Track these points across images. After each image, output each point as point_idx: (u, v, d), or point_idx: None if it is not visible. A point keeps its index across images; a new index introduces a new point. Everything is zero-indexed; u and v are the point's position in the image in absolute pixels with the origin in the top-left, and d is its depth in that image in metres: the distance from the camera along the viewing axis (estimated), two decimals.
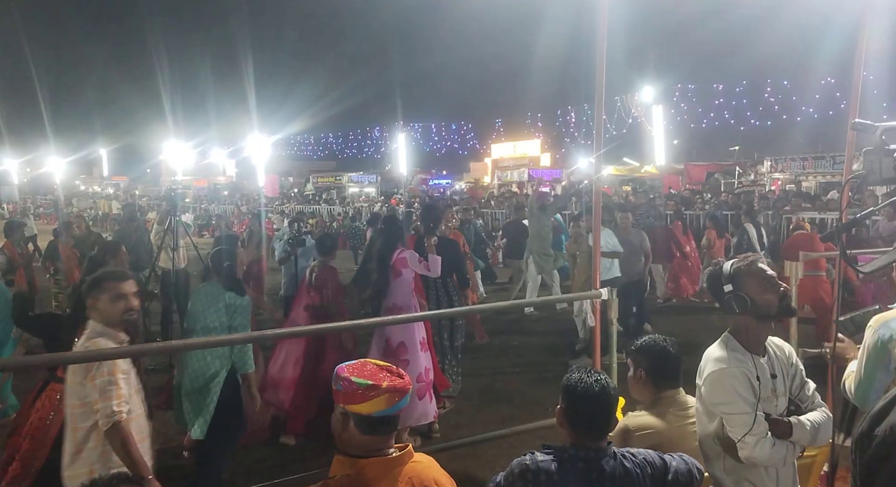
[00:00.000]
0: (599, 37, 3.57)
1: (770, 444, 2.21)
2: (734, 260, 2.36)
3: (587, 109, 39.51)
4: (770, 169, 25.66)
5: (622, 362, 3.27)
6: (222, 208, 28.37)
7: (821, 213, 12.61)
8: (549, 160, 39.39)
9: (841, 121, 25.19)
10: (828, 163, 22.39)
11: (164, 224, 7.97)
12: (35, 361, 3.37)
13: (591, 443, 2.05)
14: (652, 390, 2.61)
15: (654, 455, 2.14)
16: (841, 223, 1.90)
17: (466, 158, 48.06)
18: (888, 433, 1.22)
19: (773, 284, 2.31)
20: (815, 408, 2.39)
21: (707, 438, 2.37)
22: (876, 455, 1.23)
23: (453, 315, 5.61)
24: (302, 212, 14.74)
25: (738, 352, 2.30)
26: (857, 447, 1.30)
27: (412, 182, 39.32)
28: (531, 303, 9.05)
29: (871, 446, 1.25)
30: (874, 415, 1.27)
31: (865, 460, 1.27)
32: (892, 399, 1.26)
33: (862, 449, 1.29)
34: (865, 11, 4.12)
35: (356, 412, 1.81)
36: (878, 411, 1.27)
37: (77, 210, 30.08)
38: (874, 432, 1.25)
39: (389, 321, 4.63)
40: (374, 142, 53.95)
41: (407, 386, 1.85)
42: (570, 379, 2.13)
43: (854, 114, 4.13)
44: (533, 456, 2.04)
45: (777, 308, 2.30)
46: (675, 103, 33.52)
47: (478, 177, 41.31)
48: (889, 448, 1.21)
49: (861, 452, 1.29)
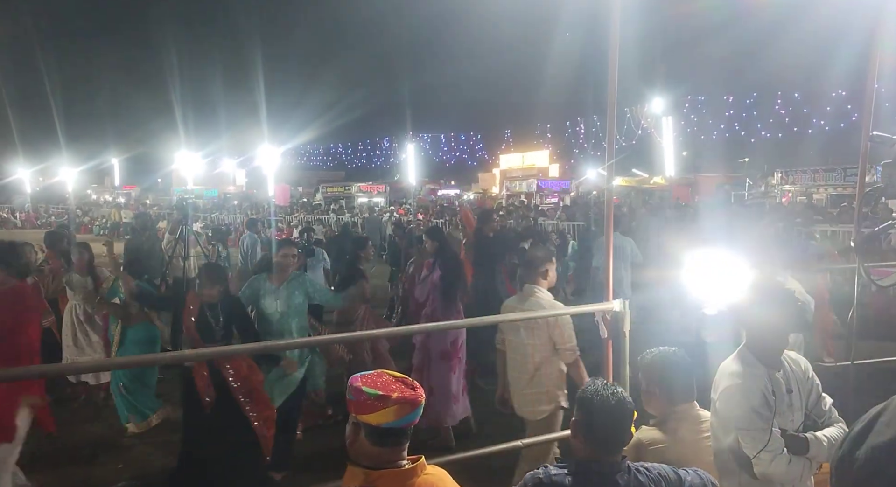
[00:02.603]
0: (611, 49, 3.57)
1: (786, 461, 2.18)
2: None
3: (596, 120, 39.63)
4: (780, 180, 25.56)
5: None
6: (231, 217, 28.52)
7: (833, 226, 12.53)
8: (558, 171, 39.40)
9: (852, 134, 25.14)
10: (839, 175, 22.29)
11: (176, 233, 8.02)
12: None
13: (605, 457, 2.02)
14: (665, 404, 2.58)
15: (668, 469, 2.12)
16: (861, 236, 1.88)
17: (475, 169, 48.20)
18: (869, 455, 1.20)
19: (792, 298, 2.28)
20: (831, 423, 2.36)
21: (722, 453, 2.34)
22: (858, 478, 1.22)
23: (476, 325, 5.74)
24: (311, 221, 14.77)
25: (754, 367, 2.28)
26: (837, 470, 1.29)
27: (421, 192, 39.38)
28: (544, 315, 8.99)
29: (852, 469, 1.24)
30: (854, 438, 1.26)
31: (847, 483, 1.26)
32: (871, 420, 1.25)
33: (841, 473, 1.27)
34: (878, 23, 4.10)
35: (366, 422, 1.80)
36: (858, 433, 1.26)
37: (89, 219, 30.31)
38: (855, 455, 1.23)
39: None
40: (383, 152, 54.24)
41: (418, 398, 1.83)
42: (585, 391, 2.11)
43: (867, 127, 4.10)
44: (546, 470, 2.02)
45: (794, 323, 2.28)
46: (685, 114, 33.52)
47: (486, 187, 41.35)
48: (870, 472, 1.19)
49: (841, 475, 1.28)
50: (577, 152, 43.64)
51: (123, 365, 5.16)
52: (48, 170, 52.86)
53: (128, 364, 5.10)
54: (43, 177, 54.87)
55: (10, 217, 35.72)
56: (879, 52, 4.13)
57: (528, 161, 40.03)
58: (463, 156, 51.48)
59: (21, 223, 34.39)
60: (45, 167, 52.64)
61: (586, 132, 41.97)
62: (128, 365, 5.10)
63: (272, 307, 4.72)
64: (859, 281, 2.87)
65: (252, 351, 4.21)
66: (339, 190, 41.89)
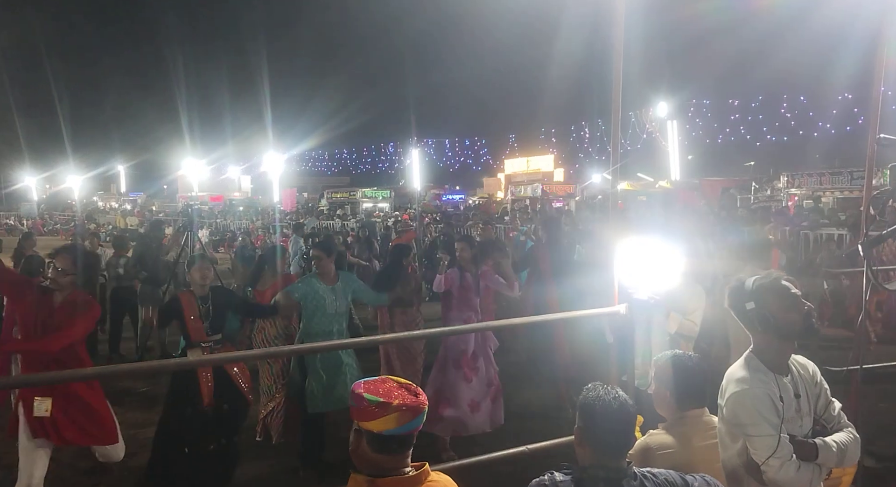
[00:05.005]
0: (616, 52, 3.55)
1: (795, 467, 2.15)
2: (757, 277, 2.30)
3: (601, 125, 39.59)
4: (786, 184, 25.45)
5: None
6: (238, 223, 28.57)
7: (839, 229, 12.44)
8: (563, 175, 39.37)
9: (859, 137, 25.00)
10: (846, 178, 22.15)
11: (182, 240, 8.03)
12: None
13: (610, 463, 2.00)
14: (675, 408, 2.56)
15: (675, 475, 2.09)
16: (867, 238, 1.86)
17: (480, 174, 48.23)
18: None
19: (798, 303, 2.25)
20: (841, 429, 2.32)
21: (730, 460, 2.31)
22: None
23: (497, 328, 5.88)
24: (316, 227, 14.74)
25: (761, 372, 2.25)
26: None
27: (425, 197, 39.40)
28: (550, 319, 8.97)
29: None
30: None
31: None
32: None
33: None
34: (884, 25, 4.08)
35: (368, 429, 1.79)
36: None
37: (95, 226, 30.43)
38: None
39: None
40: (387, 157, 54.33)
41: (421, 406, 1.82)
42: (587, 397, 2.09)
43: (874, 130, 4.07)
44: (552, 476, 2.00)
45: (801, 327, 2.25)
46: (690, 118, 33.46)
47: (491, 192, 41.35)
48: None
49: None
50: (582, 156, 43.59)
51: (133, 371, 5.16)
52: (55, 177, 53.19)
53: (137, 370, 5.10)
54: (49, 184, 55.19)
55: (18, 224, 35.90)
56: (886, 55, 4.10)
57: (532, 165, 40.05)
58: (467, 161, 51.50)
59: (28, 229, 34.54)
60: (52, 174, 52.97)
61: (591, 136, 41.91)
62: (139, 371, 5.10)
63: (332, 307, 4.84)
64: (868, 284, 2.85)
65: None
66: (345, 195, 41.99)
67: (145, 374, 6.58)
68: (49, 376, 3.52)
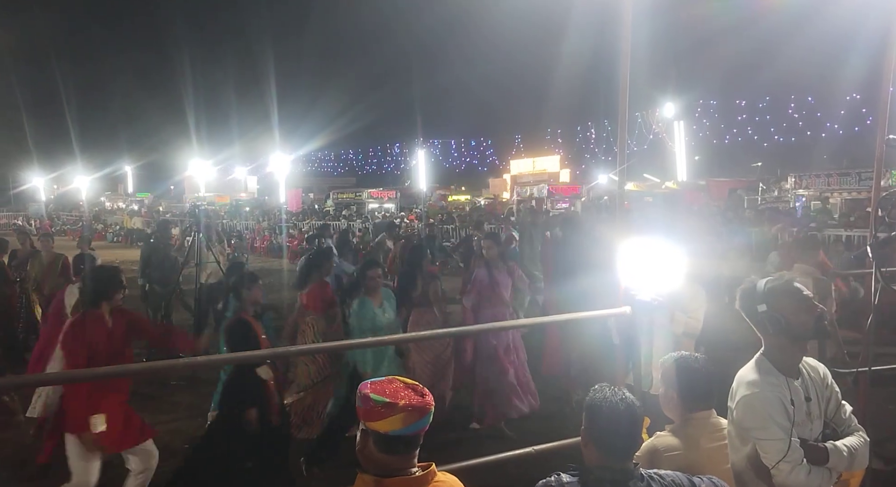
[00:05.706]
0: (623, 53, 3.55)
1: (805, 471, 2.13)
2: (769, 278, 2.29)
3: (607, 125, 39.53)
4: (794, 185, 25.32)
5: None
6: (244, 224, 28.63)
7: (847, 230, 12.38)
8: (569, 176, 39.27)
9: (867, 138, 24.83)
10: (854, 179, 22.01)
11: (189, 241, 8.04)
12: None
13: (617, 464, 1.99)
14: (682, 410, 2.54)
15: (682, 477, 2.08)
16: (876, 240, 1.85)
17: (485, 174, 48.14)
18: None
19: (810, 305, 2.23)
20: (851, 432, 2.30)
21: (739, 462, 2.30)
22: None
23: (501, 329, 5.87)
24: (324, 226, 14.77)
25: (772, 375, 2.23)
26: None
27: (431, 198, 39.42)
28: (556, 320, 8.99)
29: None
30: None
31: None
32: None
33: None
34: (893, 25, 4.06)
35: (374, 429, 1.79)
36: None
37: (102, 227, 30.56)
38: None
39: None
40: (393, 158, 54.37)
41: (427, 406, 1.81)
42: (593, 398, 2.08)
43: (883, 131, 4.05)
44: (559, 477, 1.99)
45: (812, 329, 2.23)
46: (697, 119, 33.36)
47: (497, 193, 41.29)
48: None
49: None
50: (588, 157, 43.52)
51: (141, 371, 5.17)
52: (62, 178, 53.49)
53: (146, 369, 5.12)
54: (57, 184, 55.49)
55: (26, 225, 36.08)
56: (894, 55, 4.08)
57: (538, 166, 39.92)
58: (473, 161, 51.49)
59: (36, 230, 34.73)
60: (59, 175, 53.27)
61: (597, 137, 41.83)
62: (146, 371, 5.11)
63: (388, 328, 5.03)
64: (877, 285, 2.83)
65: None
66: (350, 196, 42.03)
67: (152, 375, 6.62)
68: (50, 376, 3.49)
